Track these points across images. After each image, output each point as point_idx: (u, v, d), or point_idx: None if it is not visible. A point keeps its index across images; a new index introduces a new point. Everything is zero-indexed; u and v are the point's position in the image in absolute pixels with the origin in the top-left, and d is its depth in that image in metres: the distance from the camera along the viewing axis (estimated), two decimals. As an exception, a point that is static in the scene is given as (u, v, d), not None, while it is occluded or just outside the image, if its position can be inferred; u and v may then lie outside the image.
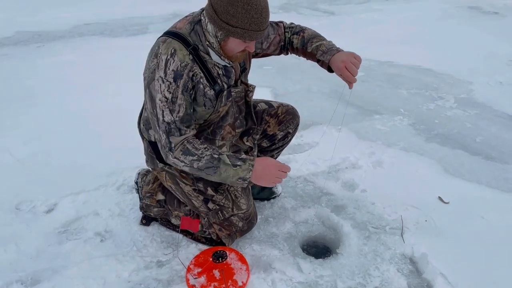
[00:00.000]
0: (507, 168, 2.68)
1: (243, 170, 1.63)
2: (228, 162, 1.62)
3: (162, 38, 1.62)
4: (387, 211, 2.25)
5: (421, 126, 3.20)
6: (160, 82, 1.56)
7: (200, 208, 1.92)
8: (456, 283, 1.81)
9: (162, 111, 1.57)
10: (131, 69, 4.05)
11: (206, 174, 1.64)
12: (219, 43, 1.60)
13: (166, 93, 1.56)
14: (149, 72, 1.60)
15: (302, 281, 1.83)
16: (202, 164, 1.61)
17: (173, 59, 1.56)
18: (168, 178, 1.90)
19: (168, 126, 1.59)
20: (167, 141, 1.60)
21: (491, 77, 4.08)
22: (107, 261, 1.89)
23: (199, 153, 1.61)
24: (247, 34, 1.53)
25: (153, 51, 1.61)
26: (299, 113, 2.21)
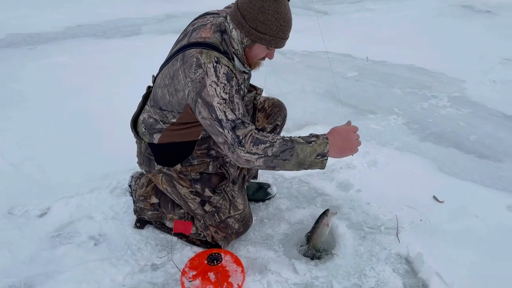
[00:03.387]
0: (501, 167, 2.69)
1: (319, 144, 1.56)
2: (302, 140, 1.55)
3: (195, 50, 1.58)
4: (382, 211, 2.25)
5: (415, 125, 3.21)
6: (214, 86, 1.53)
7: (196, 210, 1.91)
8: (451, 282, 1.81)
9: (224, 112, 1.53)
10: (125, 70, 4.07)
11: (282, 161, 1.54)
12: (244, 49, 1.64)
13: (223, 94, 1.53)
14: (195, 83, 1.55)
15: (298, 283, 1.83)
16: (276, 149, 1.53)
17: (220, 65, 1.55)
18: (164, 181, 1.89)
19: (233, 123, 1.53)
20: (234, 136, 1.52)
21: (485, 75, 4.10)
22: (101, 265, 1.87)
23: (270, 139, 1.54)
24: (273, 41, 1.59)
25: (191, 63, 1.57)
26: (295, 114, 2.22)
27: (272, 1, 1.54)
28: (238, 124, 1.53)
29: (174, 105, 1.68)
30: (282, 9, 1.56)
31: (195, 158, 1.84)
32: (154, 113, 1.77)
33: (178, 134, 1.77)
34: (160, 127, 1.78)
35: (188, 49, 1.61)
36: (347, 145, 1.62)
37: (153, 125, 1.79)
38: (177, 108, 1.68)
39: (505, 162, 2.73)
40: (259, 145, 1.52)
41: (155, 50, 4.66)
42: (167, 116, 1.73)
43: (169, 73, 1.66)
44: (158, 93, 1.73)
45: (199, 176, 1.88)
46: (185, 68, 1.59)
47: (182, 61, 1.60)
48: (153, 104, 1.78)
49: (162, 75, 1.72)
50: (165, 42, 4.90)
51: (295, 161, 1.55)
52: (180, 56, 1.62)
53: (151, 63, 2.47)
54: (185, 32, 1.76)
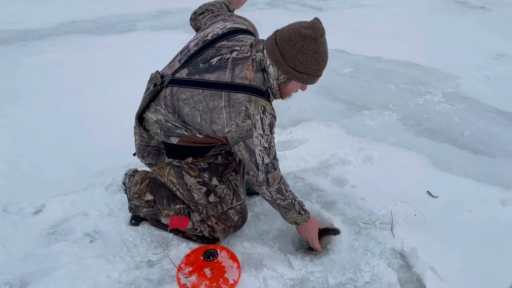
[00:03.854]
0: (494, 162, 2.71)
1: (301, 219, 1.90)
2: (297, 209, 1.87)
3: (244, 97, 1.61)
4: (377, 206, 2.26)
5: (409, 121, 3.22)
6: (259, 138, 1.66)
7: (199, 201, 1.92)
8: (445, 276, 1.83)
9: (262, 158, 1.70)
10: (119, 67, 4.04)
11: (278, 208, 1.88)
12: (279, 85, 1.70)
13: (265, 144, 1.68)
14: (241, 129, 1.64)
15: (293, 278, 1.84)
16: (283, 204, 1.83)
17: (266, 116, 1.65)
18: (172, 172, 1.89)
19: (267, 167, 1.72)
20: (265, 178, 1.74)
21: (479, 71, 4.12)
22: (97, 262, 1.87)
23: (286, 195, 1.83)
24: (310, 79, 1.65)
25: (239, 111, 1.61)
26: (290, 110, 2.25)
27: (313, 42, 1.56)
28: (270, 167, 1.74)
29: (205, 129, 1.72)
30: (322, 48, 1.59)
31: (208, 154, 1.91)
32: (174, 120, 1.74)
33: (199, 141, 1.79)
34: (180, 133, 1.77)
35: (235, 93, 1.61)
36: (308, 234, 1.97)
37: (172, 129, 1.77)
38: (208, 132, 1.73)
39: (499, 157, 2.76)
40: (278, 194, 1.81)
41: (150, 47, 4.67)
42: (191, 130, 1.74)
43: (207, 104, 1.64)
44: (183, 108, 1.70)
45: (208, 166, 1.91)
46: (231, 112, 1.62)
47: (228, 102, 1.62)
48: (172, 111, 1.73)
49: (193, 97, 1.66)
50: (160, 38, 4.93)
51: (281, 214, 1.91)
52: (225, 97, 1.61)
53: (147, 59, 2.46)
54: (220, 57, 1.67)
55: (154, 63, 2.19)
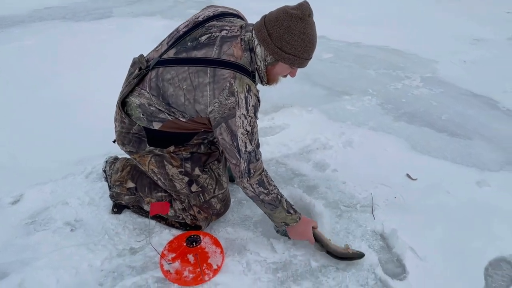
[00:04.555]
0: (471, 144, 2.77)
1: (291, 219, 1.81)
2: (285, 207, 1.79)
3: (229, 73, 1.58)
4: (357, 190, 2.30)
5: (389, 105, 3.26)
6: (242, 119, 1.61)
7: (181, 190, 1.91)
8: (424, 256, 1.87)
9: (245, 143, 1.64)
10: (97, 54, 3.96)
11: (263, 206, 1.79)
12: (266, 67, 1.67)
13: (248, 127, 1.63)
14: (223, 107, 1.59)
15: (277, 261, 1.86)
16: (268, 199, 1.75)
17: (250, 96, 1.61)
18: (153, 161, 1.86)
19: (249, 155, 1.67)
20: (247, 169, 1.68)
21: (455, 56, 4.18)
22: (78, 251, 1.85)
23: (270, 189, 1.75)
24: (297, 61, 1.62)
25: (223, 87, 1.58)
26: (271, 96, 2.24)
27: (300, 21, 1.55)
28: (252, 157, 1.68)
29: (188, 110, 1.68)
30: (309, 29, 1.57)
31: (190, 142, 1.88)
32: (157, 103, 1.71)
33: (182, 126, 1.76)
34: (163, 117, 1.74)
35: (221, 69, 1.59)
36: (298, 236, 1.88)
37: (155, 113, 1.74)
38: (191, 113, 1.69)
39: (475, 140, 2.82)
40: (260, 187, 1.73)
41: (129, 33, 4.58)
42: (174, 113, 1.71)
43: (192, 81, 1.62)
44: (167, 89, 1.68)
45: (190, 155, 1.89)
46: (215, 88, 1.59)
47: (212, 78, 1.59)
48: (156, 94, 1.71)
49: (178, 75, 1.64)
50: (139, 25, 4.84)
51: (269, 213, 1.81)
52: (211, 72, 1.59)
53: (126, 46, 2.42)
54: (209, 35, 1.66)
55: (134, 49, 2.15)
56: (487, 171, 2.49)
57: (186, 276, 1.74)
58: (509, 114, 3.17)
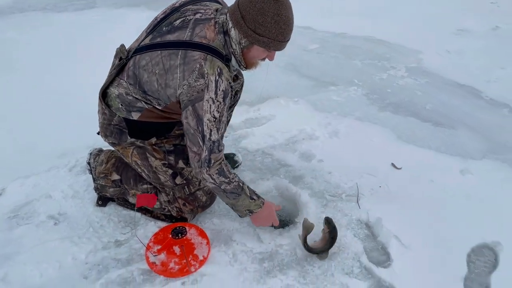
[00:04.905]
0: (455, 133, 2.80)
1: (255, 205, 1.77)
2: (248, 193, 1.75)
3: (200, 54, 1.55)
4: (343, 179, 2.31)
5: (374, 95, 3.27)
6: (210, 103, 1.55)
7: (166, 183, 1.90)
8: (408, 244, 1.90)
9: (210, 130, 1.59)
10: (81, 46, 3.89)
11: (225, 197, 1.74)
12: (242, 50, 1.62)
13: (215, 113, 1.57)
14: (192, 90, 1.55)
15: (263, 251, 1.86)
16: (229, 188, 1.69)
17: (221, 80, 1.56)
18: (136, 153, 1.85)
19: (213, 145, 1.61)
20: (208, 158, 1.62)
21: (440, 46, 4.20)
22: (62, 244, 1.84)
23: (230, 177, 1.69)
24: (272, 44, 1.57)
25: (193, 69, 1.54)
26: (257, 87, 2.22)
27: (273, 3, 1.50)
28: (215, 147, 1.63)
29: (162, 96, 1.65)
30: (283, 11, 1.52)
31: (172, 133, 1.85)
32: (134, 92, 1.69)
33: (160, 115, 1.74)
34: (141, 106, 1.72)
35: (192, 51, 1.56)
36: (263, 221, 1.86)
37: (132, 103, 1.72)
38: (165, 99, 1.66)
39: (459, 129, 2.85)
40: (220, 177, 1.67)
41: (113, 25, 4.50)
42: (151, 101, 1.69)
43: (164, 64, 1.59)
44: (143, 76, 1.66)
45: (173, 148, 1.87)
46: (185, 70, 1.55)
47: (183, 60, 1.56)
48: (133, 83, 1.69)
49: (152, 60, 1.63)
50: (123, 16, 4.76)
51: (232, 202, 1.76)
52: (182, 54, 1.56)
53: (110, 38, 2.37)
54: (183, 18, 1.65)
55: (119, 41, 2.10)
56: (470, 160, 2.52)
57: (172, 268, 1.74)
58: (492, 103, 3.20)
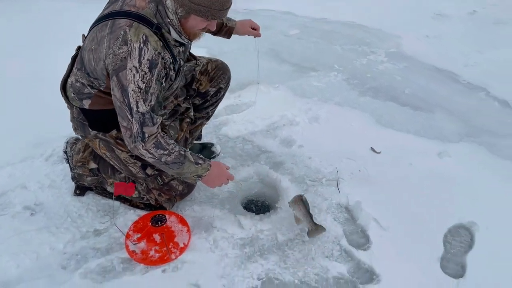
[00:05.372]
0: (433, 117, 2.84)
1: (202, 168, 1.70)
2: (192, 160, 1.67)
3: (126, 21, 1.48)
4: (323, 164, 2.32)
5: (354, 80, 3.28)
6: (134, 72, 1.47)
7: (137, 174, 1.87)
8: (387, 226, 1.92)
9: (136, 102, 1.50)
10: (55, 31, 3.78)
11: (168, 168, 1.66)
12: (179, 20, 1.54)
13: (140, 83, 1.48)
14: (116, 58, 1.48)
15: (244, 237, 1.87)
16: (170, 159, 1.62)
17: (146, 47, 1.47)
18: (102, 146, 1.81)
19: (143, 117, 1.53)
20: (140, 131, 1.55)
21: (418, 31, 4.23)
22: (39, 235, 1.81)
23: (170, 148, 1.62)
24: (209, 13, 1.50)
25: (117, 35, 1.47)
26: (238, 73, 2.22)
27: None
28: (147, 119, 1.54)
29: (98, 73, 1.60)
30: None
31: None
32: (81, 77, 1.67)
33: (109, 101, 1.66)
34: (88, 92, 1.68)
35: (119, 18, 1.50)
36: (215, 182, 1.78)
37: (81, 89, 1.69)
38: (101, 76, 1.60)
39: (437, 113, 2.89)
40: (159, 149, 1.60)
41: (88, 10, 4.38)
42: (93, 83, 1.65)
43: (97, 38, 1.55)
44: (85, 57, 1.62)
45: None
46: (111, 38, 1.49)
47: (110, 29, 1.50)
48: (80, 67, 1.67)
49: (90, 38, 1.60)
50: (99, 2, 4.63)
51: (177, 172, 1.69)
52: (110, 23, 1.51)
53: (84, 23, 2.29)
54: None
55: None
56: (448, 143, 2.56)
57: (152, 256, 1.73)
58: (469, 87, 3.25)
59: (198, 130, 2.20)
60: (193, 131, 2.15)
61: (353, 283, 1.69)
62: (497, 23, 4.45)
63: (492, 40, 4.03)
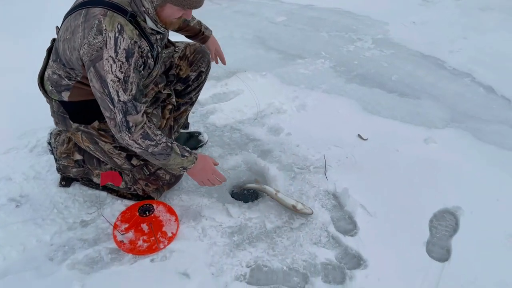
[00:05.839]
0: (419, 103, 2.86)
1: (188, 161, 1.69)
2: (178, 152, 1.67)
3: (100, 10, 1.45)
4: (311, 152, 2.33)
5: (341, 68, 3.28)
6: (110, 62, 1.45)
7: (123, 165, 1.85)
8: (374, 212, 1.94)
9: (117, 92, 1.49)
10: (37, 21, 3.70)
11: (155, 159, 1.66)
12: (155, 9, 1.51)
13: (118, 73, 1.47)
14: (91, 49, 1.45)
15: (232, 225, 1.87)
16: (157, 150, 1.62)
17: (122, 37, 1.45)
18: (85, 138, 1.79)
19: (125, 106, 1.51)
20: (124, 120, 1.54)
21: (405, 17, 4.24)
22: (25, 227, 1.79)
23: (157, 139, 1.62)
24: (186, 2, 1.48)
25: (92, 25, 1.45)
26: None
27: None
28: (130, 108, 1.53)
29: (74, 63, 1.57)
30: None
31: None
32: (57, 68, 1.63)
33: (88, 92, 1.63)
34: (66, 84, 1.65)
35: (93, 7, 1.47)
36: (201, 176, 1.77)
37: (59, 81, 1.65)
38: (77, 66, 1.57)
39: (423, 99, 2.91)
40: (146, 140, 1.60)
41: None
42: (70, 73, 1.62)
43: (71, 27, 1.52)
44: (60, 47, 1.59)
45: None
46: (85, 27, 1.46)
47: (84, 18, 1.48)
48: (55, 58, 1.63)
49: (64, 28, 1.56)
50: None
51: (163, 163, 1.68)
52: (84, 12, 1.49)
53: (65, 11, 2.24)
54: None
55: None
56: (434, 129, 2.59)
57: (140, 246, 1.72)
58: (454, 73, 3.28)
59: (183, 117, 2.19)
60: (178, 118, 2.13)
61: (341, 269, 1.71)
62: (483, 9, 4.47)
63: (478, 26, 4.06)
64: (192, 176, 1.77)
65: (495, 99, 2.96)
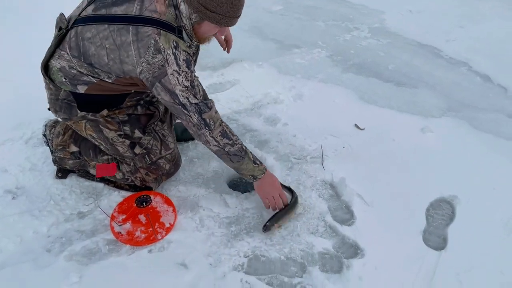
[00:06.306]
0: (416, 93, 2.86)
1: (258, 170, 1.76)
2: (251, 157, 1.74)
3: (152, 30, 1.49)
4: (308, 142, 2.32)
5: (338, 57, 3.27)
6: (176, 75, 1.54)
7: (125, 154, 1.85)
8: (371, 201, 1.95)
9: (187, 98, 1.58)
10: (32, 10, 3.65)
11: (229, 160, 1.73)
12: (192, 25, 1.56)
13: (185, 82, 1.55)
14: (152, 67, 1.52)
15: (229, 216, 1.87)
16: (233, 150, 1.69)
17: (179, 51, 1.53)
18: (89, 126, 1.78)
19: (197, 106, 1.60)
20: (200, 119, 1.61)
21: (402, 6, 4.21)
22: (22, 218, 1.78)
23: (234, 139, 1.70)
24: (223, 20, 1.52)
25: (148, 45, 1.49)
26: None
27: None
28: (202, 107, 1.61)
29: (114, 70, 1.58)
30: None
31: (124, 105, 1.79)
32: (79, 65, 1.61)
33: (109, 88, 1.66)
34: (87, 80, 1.64)
35: (143, 26, 1.49)
36: (267, 190, 1.81)
37: (78, 76, 1.64)
38: (118, 73, 1.59)
39: (420, 88, 2.91)
40: (224, 138, 1.68)
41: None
42: (98, 74, 1.61)
43: (114, 39, 1.52)
44: (89, 48, 1.58)
45: (127, 118, 1.81)
46: (139, 47, 1.50)
47: (136, 37, 1.50)
48: (77, 55, 1.60)
49: (99, 34, 1.55)
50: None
51: (236, 166, 1.75)
52: (133, 30, 1.50)
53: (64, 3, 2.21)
54: None
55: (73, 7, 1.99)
56: (430, 118, 2.58)
57: (138, 237, 1.73)
58: (451, 62, 3.27)
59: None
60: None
61: (338, 258, 1.72)
62: (479, -2, 4.45)
63: (474, 15, 4.04)
64: (259, 189, 1.81)
65: (492, 88, 2.96)
